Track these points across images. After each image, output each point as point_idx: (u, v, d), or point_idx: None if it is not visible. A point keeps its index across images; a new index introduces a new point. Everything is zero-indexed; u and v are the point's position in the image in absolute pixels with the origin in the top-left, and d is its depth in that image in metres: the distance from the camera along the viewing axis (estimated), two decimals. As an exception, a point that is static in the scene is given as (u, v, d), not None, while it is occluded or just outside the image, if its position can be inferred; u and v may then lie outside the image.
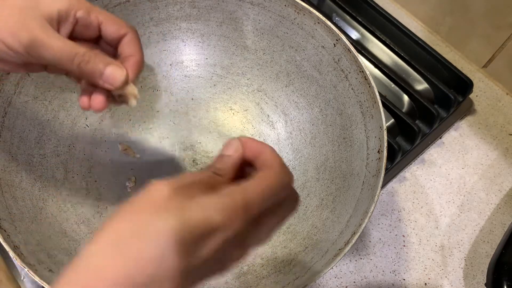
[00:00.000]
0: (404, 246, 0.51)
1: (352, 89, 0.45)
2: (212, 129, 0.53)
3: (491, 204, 0.54)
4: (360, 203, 0.41)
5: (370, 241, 0.51)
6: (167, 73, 0.53)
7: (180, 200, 0.24)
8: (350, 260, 0.50)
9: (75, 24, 0.32)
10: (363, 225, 0.37)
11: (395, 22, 0.60)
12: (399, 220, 0.53)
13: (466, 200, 0.54)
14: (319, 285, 0.49)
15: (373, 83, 0.42)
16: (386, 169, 0.51)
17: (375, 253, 0.51)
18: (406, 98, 0.57)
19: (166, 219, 0.23)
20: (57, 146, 0.47)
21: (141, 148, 0.51)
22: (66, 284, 0.23)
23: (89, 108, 0.34)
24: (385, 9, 0.61)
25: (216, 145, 0.52)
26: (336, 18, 0.63)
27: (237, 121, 0.53)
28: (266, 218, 0.26)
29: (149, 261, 0.22)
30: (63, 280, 0.23)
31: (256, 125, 0.53)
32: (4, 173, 0.42)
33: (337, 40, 0.45)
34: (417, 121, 0.56)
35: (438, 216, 0.53)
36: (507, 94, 0.62)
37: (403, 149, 0.54)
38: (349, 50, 0.44)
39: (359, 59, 0.43)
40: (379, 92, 0.42)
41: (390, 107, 0.54)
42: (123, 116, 0.52)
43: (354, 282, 0.49)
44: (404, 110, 0.56)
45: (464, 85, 0.57)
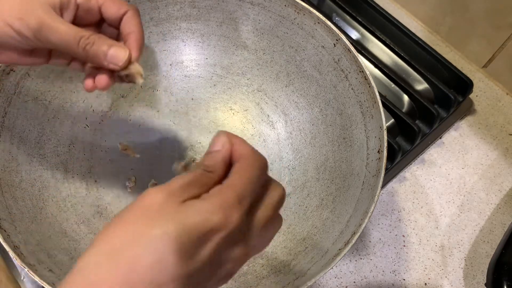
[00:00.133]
0: (404, 246, 0.51)
1: (352, 89, 0.45)
2: (212, 129, 0.53)
3: (491, 204, 0.54)
4: (360, 203, 0.41)
5: (370, 241, 0.51)
6: (167, 73, 0.53)
7: (174, 205, 0.23)
8: (350, 260, 0.50)
9: (77, 10, 0.33)
10: (363, 225, 0.37)
11: (395, 22, 0.60)
12: (399, 220, 0.53)
13: (466, 200, 0.54)
14: (319, 285, 0.49)
15: (373, 83, 0.42)
16: (386, 169, 0.51)
17: (375, 253, 0.51)
18: (406, 98, 0.57)
19: (161, 225, 0.22)
20: (57, 146, 0.47)
21: (141, 148, 0.51)
22: None
23: (94, 88, 0.35)
24: (385, 9, 0.61)
25: (216, 145, 0.52)
26: (336, 18, 0.63)
27: (237, 121, 0.53)
28: (257, 209, 0.26)
29: (147, 268, 0.22)
30: None
31: (256, 125, 0.53)
32: (4, 173, 0.42)
33: (337, 40, 0.45)
34: (417, 121, 0.56)
35: (438, 216, 0.53)
36: (507, 94, 0.62)
37: (403, 149, 0.54)
38: (349, 50, 0.44)
39: (359, 59, 0.43)
40: (379, 92, 0.42)
41: (390, 107, 0.54)
42: (123, 116, 0.52)
43: (354, 282, 0.49)
44: (404, 110, 0.56)
45: (464, 85, 0.57)
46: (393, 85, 0.57)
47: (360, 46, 0.59)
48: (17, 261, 0.36)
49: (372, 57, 0.58)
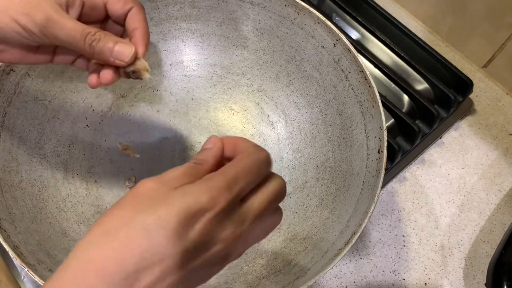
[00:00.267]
0: (404, 246, 0.51)
1: (352, 89, 0.45)
2: (212, 129, 0.53)
3: (491, 204, 0.54)
4: (360, 203, 0.41)
5: (370, 241, 0.51)
6: (167, 73, 0.53)
7: (165, 191, 0.25)
8: (350, 260, 0.50)
9: (82, 7, 0.33)
10: (363, 225, 0.37)
11: (395, 22, 0.60)
12: (399, 220, 0.53)
13: (466, 200, 0.54)
14: (319, 285, 0.49)
15: (373, 83, 0.42)
16: (386, 169, 0.51)
17: (375, 253, 0.51)
18: (406, 98, 0.57)
19: (152, 208, 0.24)
20: (57, 146, 0.47)
21: (141, 148, 0.51)
22: (57, 279, 0.23)
23: (99, 84, 0.35)
24: (385, 9, 0.61)
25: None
26: (336, 18, 0.63)
27: (237, 121, 0.53)
28: (252, 197, 0.27)
29: (138, 246, 0.23)
30: (55, 276, 0.24)
31: (256, 125, 0.53)
32: (4, 173, 0.42)
33: (337, 40, 0.45)
34: (417, 121, 0.56)
35: (438, 216, 0.53)
36: (507, 94, 0.62)
37: (403, 149, 0.54)
38: (349, 50, 0.44)
39: (359, 59, 0.43)
40: (379, 92, 0.42)
41: (390, 107, 0.54)
42: (123, 116, 0.52)
43: (354, 282, 0.49)
44: (404, 110, 0.56)
45: (464, 85, 0.57)
46: (393, 85, 0.57)
47: (360, 46, 0.59)
48: (17, 261, 0.36)
49: (372, 57, 0.58)
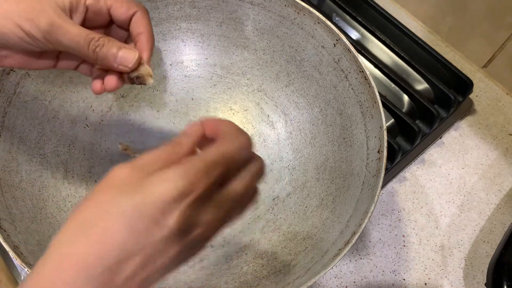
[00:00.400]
0: (404, 246, 0.51)
1: (352, 89, 0.45)
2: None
3: (491, 204, 0.54)
4: (360, 203, 0.41)
5: (370, 241, 0.51)
6: (167, 73, 0.53)
7: (140, 177, 0.24)
8: (350, 260, 0.50)
9: (86, 12, 0.33)
10: (363, 225, 0.37)
11: (395, 22, 0.60)
12: (399, 220, 0.53)
13: (466, 200, 0.54)
14: (319, 285, 0.49)
15: (373, 83, 0.42)
16: (386, 169, 0.51)
17: (375, 253, 0.51)
18: (406, 98, 0.57)
19: (128, 196, 0.23)
20: (57, 146, 0.47)
21: (141, 148, 0.51)
22: (36, 276, 0.23)
23: (103, 90, 0.35)
24: (385, 9, 0.61)
25: (216, 145, 0.52)
26: (336, 18, 0.63)
27: (237, 121, 0.53)
28: (233, 181, 0.27)
29: (117, 237, 0.23)
30: (33, 273, 0.23)
31: (256, 125, 0.53)
32: (4, 173, 0.42)
33: (337, 40, 0.45)
34: (417, 121, 0.56)
35: (438, 216, 0.53)
36: (507, 94, 0.62)
37: (403, 149, 0.54)
38: (349, 50, 0.44)
39: (359, 59, 0.43)
40: (379, 92, 0.42)
41: (390, 107, 0.54)
42: (123, 116, 0.52)
43: (354, 282, 0.49)
44: (404, 110, 0.56)
45: (464, 85, 0.57)
46: (393, 85, 0.57)
47: (360, 46, 0.59)
48: (17, 261, 0.36)
49: (372, 57, 0.58)
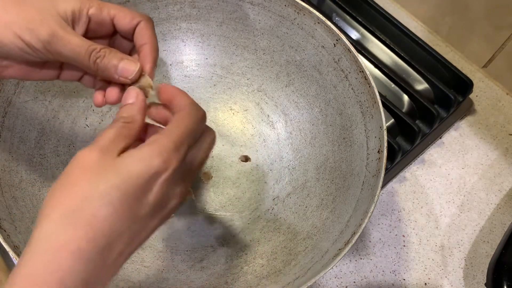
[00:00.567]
0: (404, 246, 0.51)
1: (352, 89, 0.45)
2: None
3: (491, 204, 0.54)
4: (360, 203, 0.41)
5: (370, 241, 0.51)
6: (167, 73, 0.53)
7: (111, 159, 0.25)
8: (350, 260, 0.50)
9: (89, 22, 0.32)
10: (363, 225, 0.37)
11: (395, 22, 0.60)
12: (399, 220, 0.53)
13: (466, 200, 0.54)
14: (319, 285, 0.49)
15: (373, 83, 0.42)
16: (386, 169, 0.51)
17: (375, 253, 0.51)
18: (406, 98, 0.57)
19: (107, 180, 0.24)
20: (57, 146, 0.47)
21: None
22: (30, 269, 0.23)
23: (104, 103, 0.34)
24: (385, 9, 0.61)
25: (216, 145, 0.52)
26: (336, 18, 0.63)
27: (237, 121, 0.53)
28: (192, 154, 0.29)
29: (105, 221, 0.24)
30: (25, 266, 0.23)
31: (256, 125, 0.53)
32: (4, 173, 0.42)
33: (337, 40, 0.45)
34: (417, 121, 0.56)
35: (438, 216, 0.53)
36: (507, 94, 0.62)
37: (403, 149, 0.54)
38: (349, 50, 0.44)
39: (359, 59, 0.43)
40: (379, 92, 0.42)
41: (390, 107, 0.54)
42: (123, 116, 0.52)
43: (354, 282, 0.49)
44: (404, 110, 0.56)
45: (464, 85, 0.57)
46: (393, 85, 0.57)
47: (360, 46, 0.59)
48: (17, 261, 0.36)
49: (372, 57, 0.58)
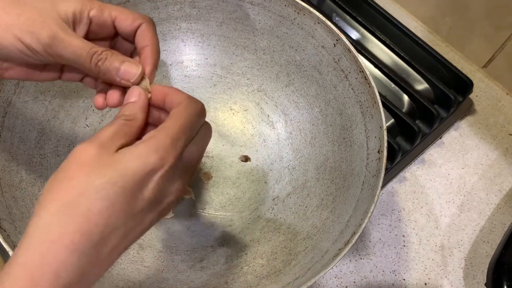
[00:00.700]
0: (404, 246, 0.51)
1: (352, 89, 0.45)
2: (212, 129, 0.53)
3: (491, 204, 0.54)
4: (360, 203, 0.41)
5: (370, 241, 0.51)
6: (167, 73, 0.53)
7: (109, 155, 0.25)
8: (350, 260, 0.50)
9: (90, 24, 0.32)
10: (363, 225, 0.37)
11: (395, 22, 0.60)
12: (399, 220, 0.53)
13: (466, 200, 0.54)
14: (319, 285, 0.49)
15: (373, 83, 0.42)
16: (386, 169, 0.51)
17: (375, 253, 0.51)
18: (406, 98, 0.57)
19: (104, 175, 0.25)
20: (57, 146, 0.47)
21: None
22: (22, 263, 0.23)
23: (105, 106, 0.34)
24: (385, 9, 0.61)
25: (216, 145, 0.52)
26: (336, 18, 0.63)
27: (237, 121, 0.53)
28: (190, 149, 0.29)
29: (100, 215, 0.24)
30: (21, 257, 0.24)
31: (256, 125, 0.53)
32: (4, 173, 0.42)
33: (337, 40, 0.45)
34: (417, 121, 0.56)
35: (438, 216, 0.53)
36: (507, 94, 0.62)
37: (403, 149, 0.54)
38: (349, 50, 0.44)
39: (359, 59, 0.43)
40: (379, 92, 0.42)
41: (390, 107, 0.54)
42: (123, 116, 0.52)
43: (354, 282, 0.49)
44: (404, 110, 0.56)
45: (464, 85, 0.57)
46: (393, 85, 0.57)
47: (360, 46, 0.59)
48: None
49: (372, 57, 0.58)
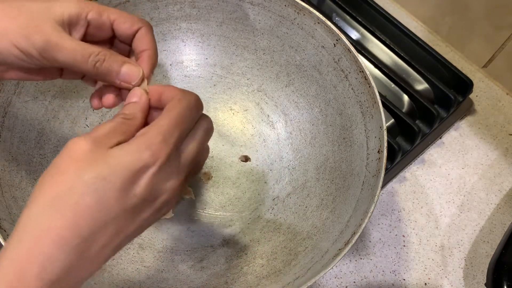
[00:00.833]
0: (404, 246, 0.51)
1: (352, 89, 0.45)
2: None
3: (491, 204, 0.54)
4: (360, 203, 0.41)
5: (370, 241, 0.51)
6: (167, 73, 0.53)
7: (102, 151, 0.25)
8: (350, 260, 0.50)
9: (87, 26, 0.32)
10: (363, 225, 0.37)
11: (395, 22, 0.60)
12: (399, 220, 0.53)
13: (466, 200, 0.54)
14: (319, 285, 0.49)
15: (373, 83, 0.42)
16: (386, 169, 0.51)
17: (375, 253, 0.51)
18: (406, 98, 0.57)
19: (94, 170, 0.24)
20: (57, 146, 0.47)
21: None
22: (10, 256, 0.24)
23: (101, 107, 0.34)
24: (385, 9, 0.61)
25: (216, 145, 0.52)
26: (336, 18, 0.63)
27: (237, 121, 0.53)
28: (186, 144, 0.29)
29: (89, 209, 0.24)
30: (6, 253, 0.24)
31: (256, 125, 0.53)
32: (4, 173, 0.42)
33: (337, 40, 0.45)
34: (417, 121, 0.56)
35: (438, 216, 0.53)
36: (507, 94, 0.62)
37: (403, 149, 0.54)
38: (349, 50, 0.44)
39: (359, 59, 0.43)
40: (379, 92, 0.42)
41: (390, 107, 0.54)
42: (123, 116, 0.52)
43: (354, 282, 0.49)
44: (404, 110, 0.56)
45: (464, 85, 0.57)
46: (393, 85, 0.57)
47: (360, 46, 0.59)
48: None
49: (372, 57, 0.58)
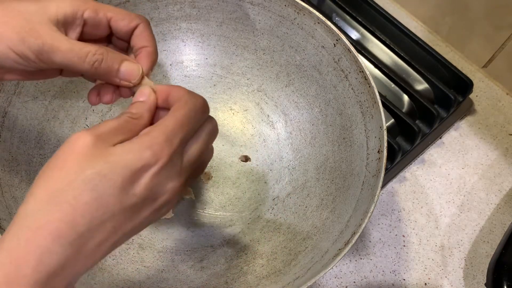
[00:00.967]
0: (404, 246, 0.51)
1: (352, 89, 0.45)
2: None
3: (491, 204, 0.54)
4: (360, 203, 0.41)
5: (370, 241, 0.51)
6: (167, 73, 0.53)
7: (104, 148, 0.25)
8: (350, 260, 0.50)
9: (84, 25, 0.31)
10: (363, 225, 0.37)
11: (395, 22, 0.60)
12: (399, 220, 0.53)
13: (466, 200, 0.54)
14: (319, 285, 0.49)
15: (373, 83, 0.42)
16: (386, 169, 0.51)
17: (375, 253, 0.51)
18: (406, 98, 0.57)
19: (95, 166, 0.24)
20: (57, 146, 0.47)
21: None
22: (8, 249, 0.23)
23: (99, 102, 0.34)
24: (385, 9, 0.61)
25: (216, 145, 0.52)
26: (336, 18, 0.63)
27: (237, 121, 0.53)
28: (190, 146, 0.28)
29: (87, 206, 0.24)
30: (7, 242, 0.24)
31: (256, 125, 0.53)
32: (4, 173, 0.42)
33: (337, 40, 0.45)
34: (417, 121, 0.56)
35: (438, 216, 0.53)
36: (507, 94, 0.62)
37: (403, 149, 0.54)
38: (349, 50, 0.44)
39: (359, 59, 0.43)
40: (379, 92, 0.42)
41: (390, 107, 0.54)
42: (123, 116, 0.52)
43: (354, 282, 0.49)
44: (404, 110, 0.56)
45: (464, 85, 0.57)
46: (393, 85, 0.57)
47: (360, 46, 0.59)
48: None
49: (372, 57, 0.58)
